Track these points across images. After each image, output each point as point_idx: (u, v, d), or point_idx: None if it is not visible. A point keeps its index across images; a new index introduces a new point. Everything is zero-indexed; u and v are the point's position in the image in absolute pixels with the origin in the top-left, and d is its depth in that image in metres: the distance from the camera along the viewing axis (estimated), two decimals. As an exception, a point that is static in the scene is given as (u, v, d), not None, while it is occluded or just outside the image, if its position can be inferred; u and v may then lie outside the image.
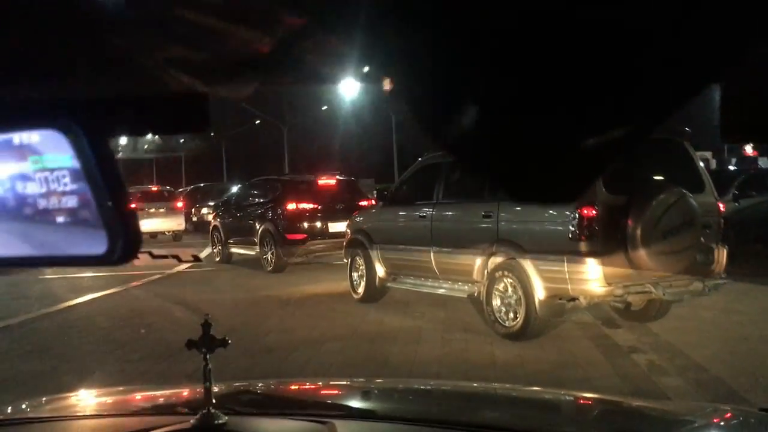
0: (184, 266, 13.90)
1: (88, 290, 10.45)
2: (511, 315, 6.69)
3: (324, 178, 13.15)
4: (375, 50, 0.63)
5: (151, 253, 16.04)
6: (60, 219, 0.82)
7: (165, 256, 14.94)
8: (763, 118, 0.67)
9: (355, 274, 9.06)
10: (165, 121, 0.81)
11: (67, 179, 0.80)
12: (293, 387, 2.27)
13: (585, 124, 0.58)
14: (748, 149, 28.15)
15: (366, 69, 0.66)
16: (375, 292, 8.76)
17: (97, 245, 0.80)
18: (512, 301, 6.67)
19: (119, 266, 0.83)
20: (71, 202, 0.80)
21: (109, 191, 0.77)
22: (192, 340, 1.39)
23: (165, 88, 0.83)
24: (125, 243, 0.79)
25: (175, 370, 5.67)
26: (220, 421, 1.31)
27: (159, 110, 0.79)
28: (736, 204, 11.79)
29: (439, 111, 0.60)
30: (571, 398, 2.17)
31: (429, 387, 2.52)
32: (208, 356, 1.36)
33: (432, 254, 7.69)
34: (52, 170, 0.81)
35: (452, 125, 0.60)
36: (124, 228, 0.79)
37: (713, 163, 23.86)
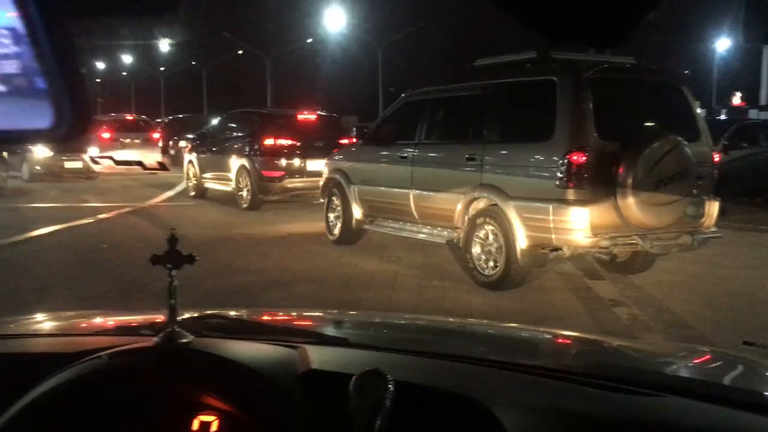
0: (156, 200, 13.53)
1: (53, 221, 10.07)
2: (491, 263, 6.42)
3: (304, 113, 12.67)
4: None
5: (113, 159, 15.79)
6: None
7: (128, 162, 14.57)
8: None
9: (331, 215, 8.74)
10: None
11: (7, 40, 0.72)
12: (264, 315, 2.19)
13: None
14: (736, 100, 28.04)
15: None
16: (351, 234, 8.47)
17: (42, 118, 0.73)
18: (493, 249, 6.38)
19: (66, 142, 0.88)
20: (11, 67, 0.73)
21: (56, 57, 0.70)
22: (157, 255, 1.29)
23: None
24: (73, 116, 0.72)
25: (132, 305, 5.42)
26: (185, 340, 1.23)
27: None
28: (726, 155, 11.53)
29: None
30: (550, 335, 2.11)
31: (404, 321, 2.46)
32: (173, 272, 1.28)
33: (412, 197, 7.37)
34: None
35: None
36: (73, 99, 0.72)
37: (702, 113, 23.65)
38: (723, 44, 36.41)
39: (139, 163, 13.67)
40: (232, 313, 1.95)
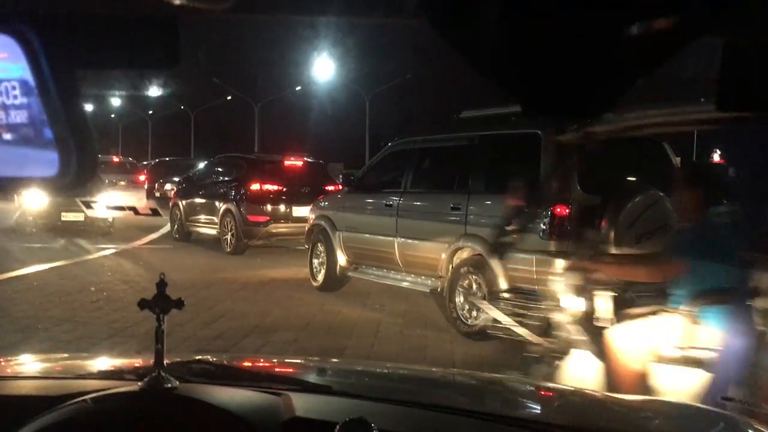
0: (140, 242, 13.44)
1: (36, 261, 9.96)
2: (474, 313, 6.42)
3: (290, 159, 12.76)
4: None
5: (105, 204, 15.38)
6: (6, 136, 0.77)
7: (122, 208, 14.40)
8: None
9: (315, 261, 8.73)
10: (131, 47, 0.74)
11: (17, 92, 0.74)
12: (248, 361, 2.21)
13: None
14: (716, 157, 28.52)
15: None
16: (335, 281, 8.45)
17: (48, 166, 0.75)
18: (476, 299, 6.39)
19: (71, 190, 1.01)
20: (20, 117, 0.75)
21: (65, 109, 0.71)
22: (145, 300, 1.30)
23: (134, 5, 0.77)
24: (79, 166, 0.74)
25: (115, 348, 5.43)
26: (170, 386, 1.22)
27: (125, 31, 0.73)
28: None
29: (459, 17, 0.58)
30: (532, 387, 2.12)
31: (387, 369, 2.45)
32: (161, 317, 1.28)
33: (396, 245, 7.39)
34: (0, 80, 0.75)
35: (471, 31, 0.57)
36: (79, 149, 0.73)
37: (682, 169, 24.02)
38: (703, 102, 37.18)
39: (132, 209, 13.52)
40: (219, 357, 1.94)
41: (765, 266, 2.98)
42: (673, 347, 3.09)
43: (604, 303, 3.33)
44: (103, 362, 2.00)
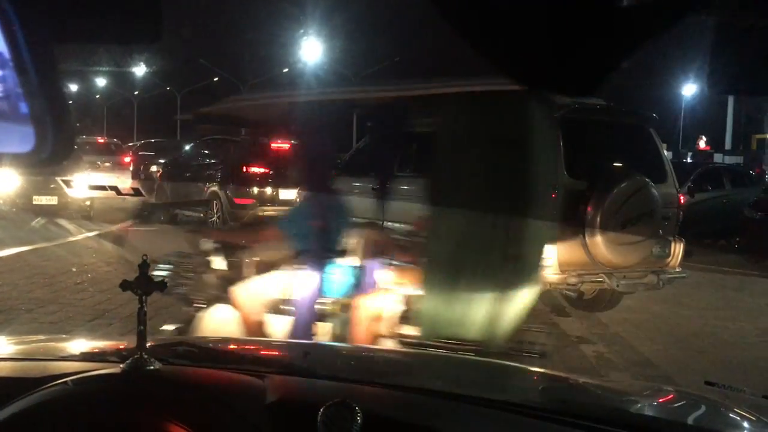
0: (124, 224, 13.33)
1: (19, 242, 9.84)
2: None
3: (277, 141, 12.68)
4: None
5: (87, 184, 15.05)
6: None
7: (103, 188, 14.27)
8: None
9: (301, 244, 8.71)
10: (111, 21, 0.72)
11: None
12: (232, 344, 2.21)
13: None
14: (701, 144, 28.71)
15: None
16: (321, 264, 8.43)
17: (24, 141, 0.72)
18: (462, 283, 6.41)
19: (47, 166, 0.78)
20: None
21: (41, 83, 0.69)
22: (127, 281, 1.29)
23: None
24: (55, 141, 0.71)
25: (97, 330, 5.41)
26: (153, 367, 1.21)
27: (105, 4, 0.72)
28: (691, 197, 11.77)
29: None
30: (516, 371, 2.11)
31: (370, 352, 2.47)
32: (144, 298, 1.27)
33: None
34: None
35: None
36: (55, 124, 0.71)
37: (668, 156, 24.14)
38: (689, 89, 37.39)
39: (114, 188, 13.38)
40: (202, 339, 1.93)
41: (334, 232, 3.78)
42: (278, 299, 3.67)
43: (242, 264, 3.87)
44: (85, 344, 1.98)
